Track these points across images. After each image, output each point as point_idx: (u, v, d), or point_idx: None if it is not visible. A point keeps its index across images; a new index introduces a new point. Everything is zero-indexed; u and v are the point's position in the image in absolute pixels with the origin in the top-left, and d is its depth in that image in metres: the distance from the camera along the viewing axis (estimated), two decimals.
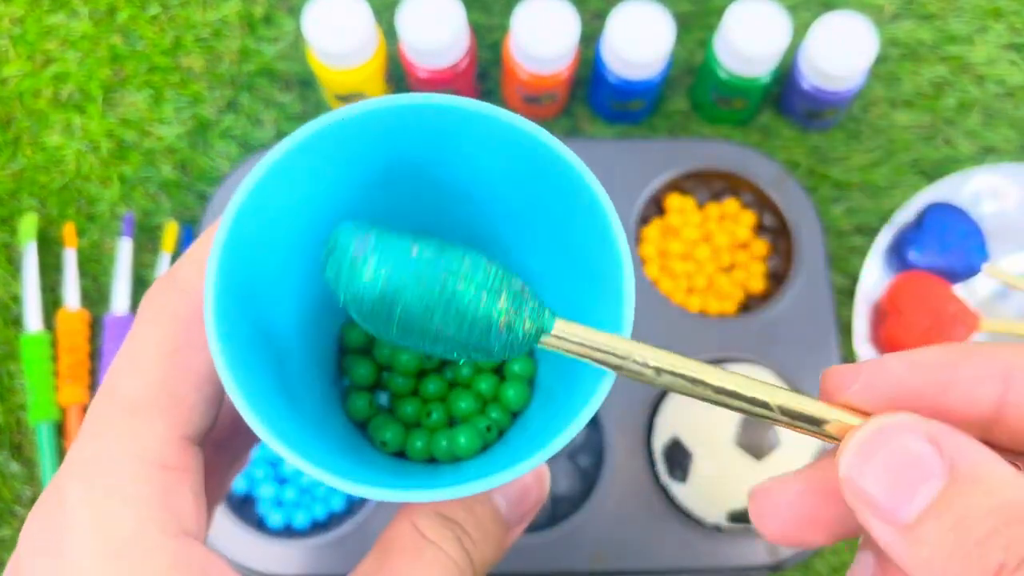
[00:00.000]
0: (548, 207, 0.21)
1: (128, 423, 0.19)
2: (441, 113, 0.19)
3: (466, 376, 0.24)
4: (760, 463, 0.43)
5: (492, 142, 0.20)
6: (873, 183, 0.54)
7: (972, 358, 0.17)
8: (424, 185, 0.22)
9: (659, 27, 0.48)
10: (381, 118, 0.19)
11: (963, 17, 0.57)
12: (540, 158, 0.20)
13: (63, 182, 0.53)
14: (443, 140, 0.20)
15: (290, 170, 0.19)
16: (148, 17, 0.56)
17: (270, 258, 0.20)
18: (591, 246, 0.20)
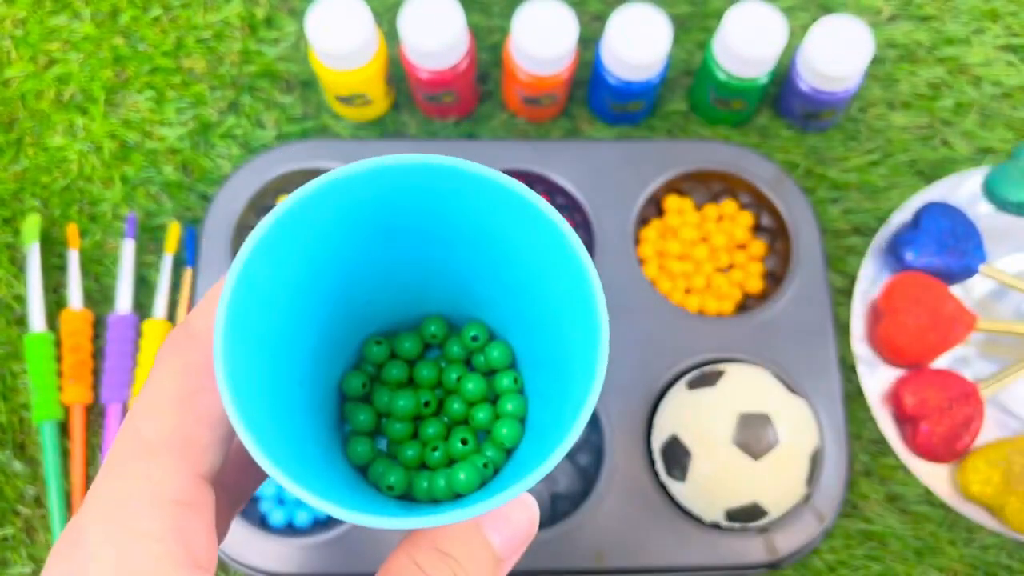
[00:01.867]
0: (531, 260, 0.22)
1: (145, 463, 0.20)
2: (436, 172, 0.21)
3: (461, 415, 0.25)
4: (758, 462, 0.43)
5: (485, 201, 0.22)
6: (870, 184, 0.54)
7: None
8: (417, 236, 0.23)
9: (657, 29, 0.48)
10: (381, 175, 0.21)
11: (960, 19, 0.57)
12: (527, 215, 0.21)
13: (65, 183, 0.53)
14: (438, 196, 0.22)
15: (296, 223, 0.21)
16: (150, 19, 0.56)
17: (276, 307, 0.22)
18: (573, 303, 0.22)
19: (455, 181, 0.21)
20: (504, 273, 0.24)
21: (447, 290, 0.26)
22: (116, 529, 0.19)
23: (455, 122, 0.55)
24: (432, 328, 0.26)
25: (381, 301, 0.26)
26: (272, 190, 0.50)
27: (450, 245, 0.24)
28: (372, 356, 0.26)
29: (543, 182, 0.51)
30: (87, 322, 0.50)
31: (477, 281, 0.25)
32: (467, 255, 0.24)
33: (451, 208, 0.22)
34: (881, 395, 0.50)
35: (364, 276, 0.24)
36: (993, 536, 0.49)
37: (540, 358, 0.24)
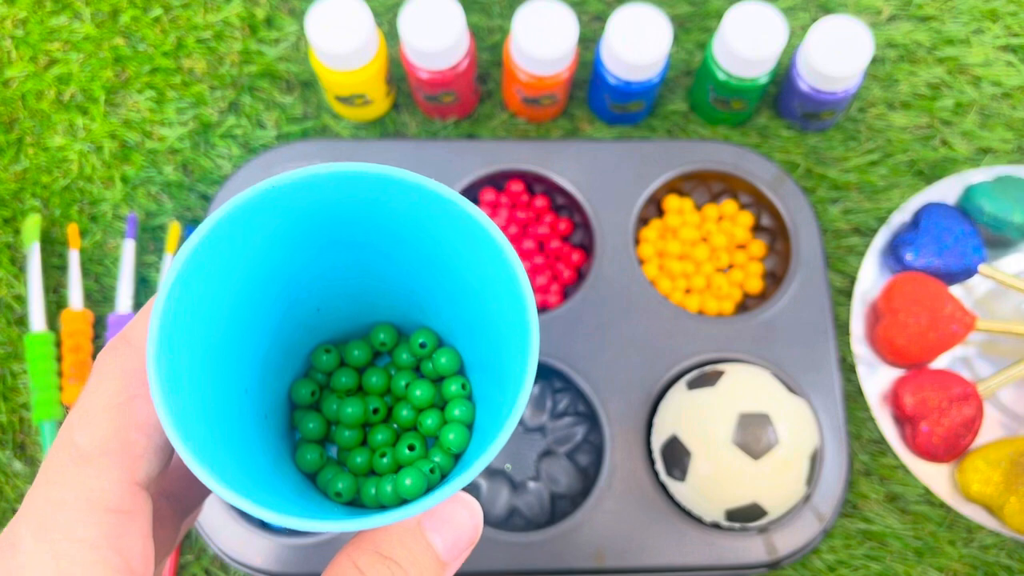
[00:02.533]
0: (469, 268, 0.23)
1: (79, 470, 0.20)
2: (367, 181, 0.21)
3: (410, 422, 0.25)
4: (758, 462, 0.43)
5: (423, 210, 0.22)
6: (870, 184, 0.54)
7: None
8: (359, 245, 0.24)
9: (657, 29, 0.48)
10: (317, 184, 0.21)
11: (960, 19, 0.57)
12: (462, 223, 0.22)
13: (66, 183, 0.54)
14: (376, 205, 0.22)
15: (232, 232, 0.21)
16: (150, 19, 0.57)
17: (214, 316, 0.22)
18: (508, 308, 0.22)
19: (393, 190, 0.21)
20: (446, 281, 0.24)
21: (394, 298, 0.26)
22: (51, 536, 0.19)
23: (455, 122, 0.55)
24: (381, 336, 0.26)
25: (329, 310, 0.26)
26: None
27: (392, 254, 0.24)
28: (321, 364, 0.26)
29: (543, 182, 0.51)
30: (87, 322, 0.50)
31: (421, 289, 0.25)
32: (410, 263, 0.24)
33: (391, 217, 0.22)
34: (881, 395, 0.50)
35: (309, 285, 0.25)
36: (993, 536, 0.49)
37: (484, 363, 0.25)
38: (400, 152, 0.51)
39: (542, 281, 0.50)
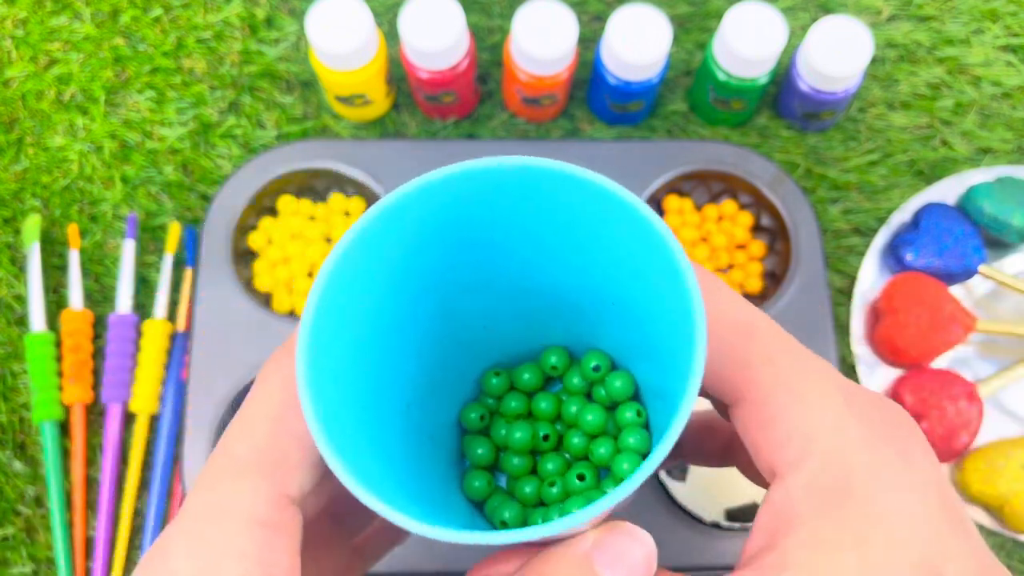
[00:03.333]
0: (633, 273, 0.21)
1: (233, 482, 0.20)
2: (521, 174, 0.20)
3: (581, 450, 0.24)
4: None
5: (589, 208, 0.20)
6: (870, 184, 0.54)
7: None
8: (508, 241, 0.22)
9: (657, 29, 0.48)
10: (466, 180, 0.20)
11: (960, 19, 0.57)
12: (619, 214, 0.20)
13: (66, 183, 0.54)
14: (537, 206, 0.21)
15: (377, 235, 0.20)
16: (150, 19, 0.57)
17: (366, 327, 0.21)
18: (671, 318, 0.20)
19: (565, 189, 0.20)
20: (615, 295, 0.23)
21: (563, 316, 0.25)
22: (199, 546, 0.19)
23: (455, 122, 0.55)
24: (552, 359, 0.25)
25: (497, 329, 0.25)
26: (272, 190, 0.50)
27: (557, 263, 0.23)
28: (491, 388, 0.25)
29: None
30: (87, 322, 0.50)
31: (590, 305, 0.24)
32: (577, 275, 0.23)
33: (559, 221, 0.21)
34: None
35: (469, 296, 0.23)
36: (993, 536, 0.49)
37: (655, 387, 0.23)
38: (400, 152, 0.51)
39: None
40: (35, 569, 0.47)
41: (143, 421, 0.49)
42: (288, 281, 0.50)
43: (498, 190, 0.20)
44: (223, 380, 0.46)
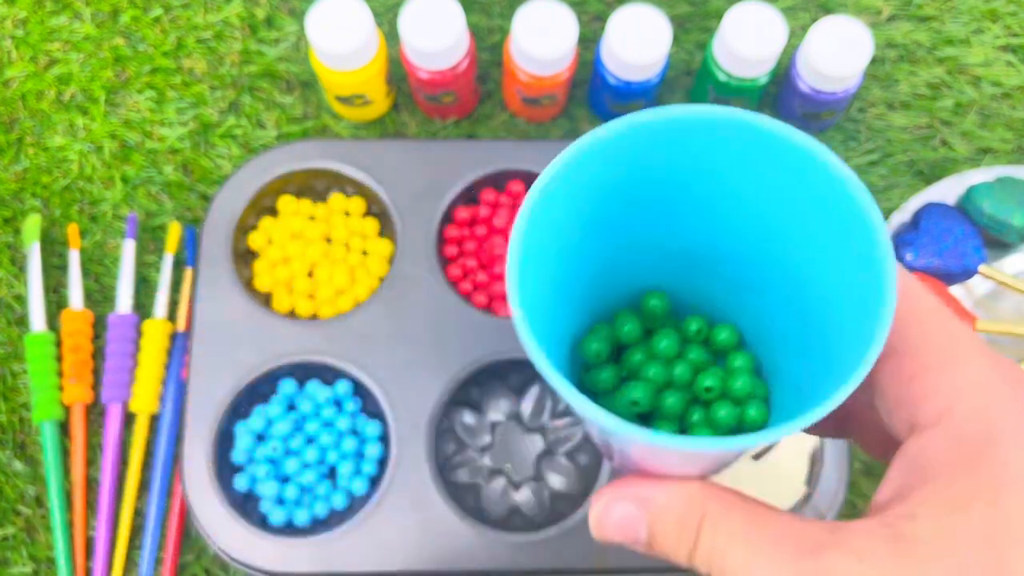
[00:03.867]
0: (807, 226, 0.22)
1: None
2: (720, 127, 0.21)
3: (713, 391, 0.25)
4: (757, 462, 0.43)
5: (764, 158, 0.21)
6: (870, 184, 0.54)
7: None
8: (683, 195, 0.24)
9: (657, 29, 0.48)
10: (669, 127, 0.21)
11: (960, 19, 0.57)
12: (812, 175, 0.21)
13: (66, 183, 0.54)
14: (710, 152, 0.22)
15: (578, 168, 0.22)
16: (150, 19, 0.57)
17: (560, 237, 0.23)
18: (846, 263, 0.21)
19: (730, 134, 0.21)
20: (782, 257, 0.23)
21: (718, 282, 0.26)
22: None
23: (455, 122, 0.55)
24: (693, 326, 0.26)
25: (646, 262, 0.26)
26: (272, 190, 0.51)
27: (710, 202, 0.24)
28: (622, 334, 0.26)
29: None
30: (87, 322, 0.50)
31: (753, 273, 0.25)
32: (751, 239, 0.24)
33: (718, 163, 0.22)
34: None
35: (636, 249, 0.25)
36: None
37: (799, 368, 0.24)
38: (400, 152, 0.51)
39: None
40: (35, 569, 0.47)
41: (143, 421, 0.49)
42: (288, 281, 0.50)
43: (679, 142, 0.21)
44: (223, 380, 0.46)
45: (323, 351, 0.47)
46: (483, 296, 0.50)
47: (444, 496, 0.44)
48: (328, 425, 0.47)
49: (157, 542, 0.47)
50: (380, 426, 0.47)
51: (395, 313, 0.48)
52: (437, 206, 0.50)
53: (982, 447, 0.19)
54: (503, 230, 0.51)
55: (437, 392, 0.46)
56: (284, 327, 0.47)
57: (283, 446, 0.46)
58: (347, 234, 0.51)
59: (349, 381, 0.47)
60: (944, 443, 0.20)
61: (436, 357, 0.47)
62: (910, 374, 0.21)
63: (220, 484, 0.45)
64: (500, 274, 0.50)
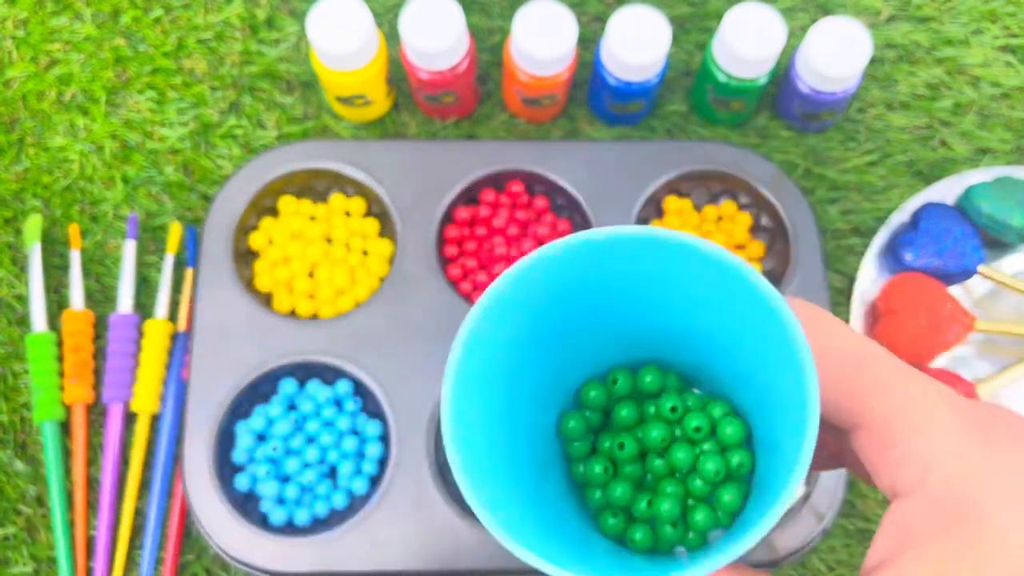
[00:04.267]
0: (739, 333, 0.23)
1: None
2: (645, 244, 0.22)
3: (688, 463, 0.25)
4: None
5: (693, 272, 0.22)
6: (869, 184, 0.54)
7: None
8: (620, 302, 0.24)
9: (657, 30, 0.48)
10: (589, 250, 0.22)
11: (959, 19, 0.57)
12: (739, 289, 0.21)
13: (67, 183, 0.54)
14: (642, 264, 0.23)
15: (512, 294, 0.23)
16: (151, 20, 0.57)
17: (497, 376, 0.24)
18: (774, 358, 0.21)
19: (653, 250, 0.22)
20: (725, 346, 0.24)
21: (676, 363, 0.26)
22: None
23: (455, 122, 0.55)
24: (670, 402, 0.25)
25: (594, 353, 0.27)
26: (273, 190, 0.51)
27: (668, 314, 0.24)
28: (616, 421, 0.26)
29: (543, 182, 0.51)
30: (88, 322, 0.50)
31: (702, 356, 0.25)
32: (693, 331, 0.25)
33: (661, 278, 0.23)
34: None
35: (584, 344, 0.26)
36: None
37: (764, 435, 0.24)
38: (401, 152, 0.51)
39: None
40: (36, 568, 0.47)
41: (144, 421, 0.49)
42: (288, 281, 0.50)
43: (608, 256, 0.22)
44: (224, 380, 0.46)
45: (324, 351, 0.47)
46: None
47: (444, 495, 0.44)
48: (328, 425, 0.47)
49: (158, 542, 0.47)
50: (380, 426, 0.47)
51: (395, 313, 0.48)
52: (437, 206, 0.50)
53: (963, 509, 0.20)
54: (503, 230, 0.51)
55: (437, 392, 0.46)
56: (285, 327, 0.48)
57: (283, 446, 0.46)
58: (347, 234, 0.51)
59: (349, 381, 0.47)
60: (925, 508, 0.20)
61: (436, 357, 0.47)
62: (882, 444, 0.21)
63: (221, 484, 0.45)
64: (500, 274, 0.50)
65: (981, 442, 0.20)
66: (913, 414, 0.21)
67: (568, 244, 0.21)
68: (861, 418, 0.22)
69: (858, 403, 0.22)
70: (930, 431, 0.21)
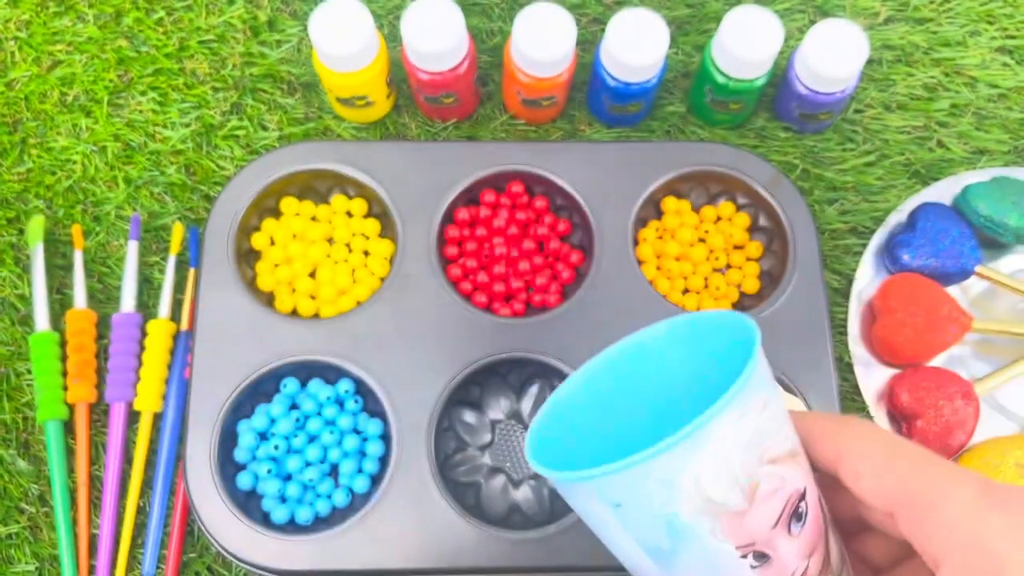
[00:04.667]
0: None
1: None
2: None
3: None
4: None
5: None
6: (867, 184, 0.54)
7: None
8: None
9: (655, 32, 0.49)
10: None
11: (956, 21, 0.58)
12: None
13: (69, 184, 0.54)
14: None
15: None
16: (153, 21, 0.57)
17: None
18: None
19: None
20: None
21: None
22: None
23: (455, 124, 0.55)
24: None
25: None
26: (274, 191, 0.51)
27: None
28: None
29: (543, 183, 0.52)
30: (91, 322, 0.50)
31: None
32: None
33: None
34: (877, 393, 0.50)
35: None
36: None
37: None
38: (401, 153, 0.51)
39: (542, 281, 0.50)
40: (39, 567, 0.48)
41: (147, 420, 0.49)
42: (290, 281, 0.50)
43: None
44: (226, 379, 0.46)
45: (325, 351, 0.47)
46: (483, 296, 0.50)
47: (444, 494, 0.45)
48: (330, 424, 0.48)
49: (160, 540, 0.48)
50: (381, 425, 0.47)
51: (396, 313, 0.48)
52: (438, 207, 0.50)
53: (986, 565, 0.23)
54: (503, 230, 0.51)
55: (438, 391, 0.46)
56: (286, 327, 0.48)
57: (285, 444, 0.47)
58: (348, 235, 0.51)
59: (351, 380, 0.48)
60: (956, 571, 0.23)
61: (437, 356, 0.47)
62: (914, 525, 0.25)
63: (223, 482, 0.45)
64: (500, 274, 0.50)
65: (1000, 510, 0.23)
66: (929, 491, 0.24)
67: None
68: (887, 503, 0.25)
69: (882, 491, 0.25)
70: (947, 506, 0.24)
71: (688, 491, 0.24)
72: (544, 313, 0.49)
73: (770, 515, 0.25)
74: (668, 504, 0.24)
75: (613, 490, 0.25)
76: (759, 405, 0.25)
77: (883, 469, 0.25)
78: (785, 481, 0.25)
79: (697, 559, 0.25)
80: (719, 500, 0.24)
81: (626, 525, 0.25)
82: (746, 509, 0.25)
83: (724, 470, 0.24)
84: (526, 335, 0.48)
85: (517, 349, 0.48)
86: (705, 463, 0.24)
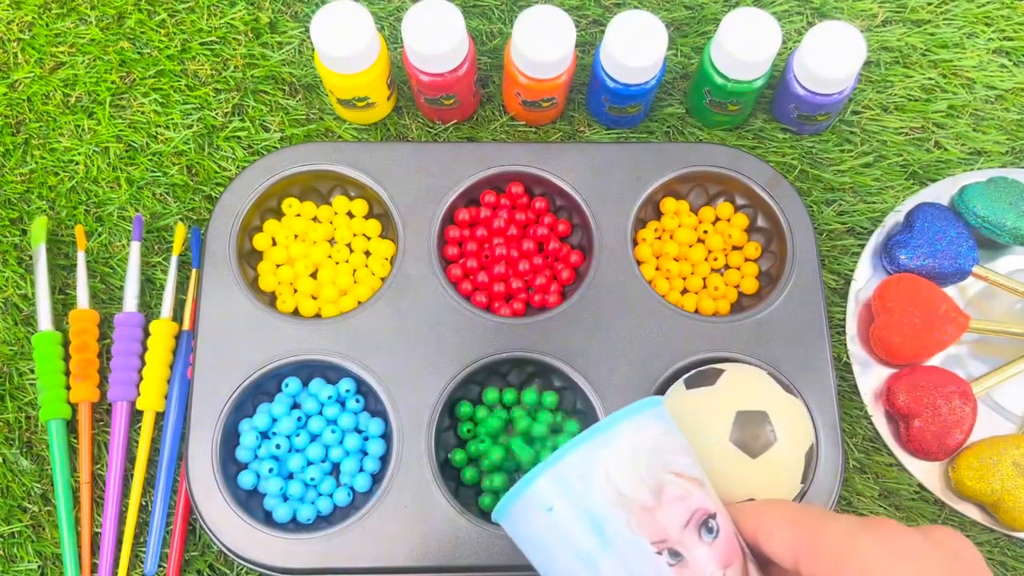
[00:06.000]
0: None
1: None
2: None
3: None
4: (755, 461, 0.44)
5: None
6: (864, 185, 0.55)
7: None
8: None
9: (654, 34, 0.49)
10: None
11: (953, 23, 0.58)
12: None
13: (72, 184, 0.54)
14: None
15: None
16: (155, 23, 0.57)
17: None
18: None
19: None
20: None
21: None
22: None
23: (456, 125, 0.56)
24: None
25: None
26: (276, 192, 0.51)
27: None
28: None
29: (543, 184, 0.52)
30: (94, 322, 0.51)
31: None
32: None
33: None
34: (874, 393, 0.50)
35: None
36: (987, 532, 0.49)
37: None
38: (402, 154, 0.52)
39: (541, 281, 0.51)
40: (41, 565, 0.48)
41: (149, 419, 0.49)
42: (292, 281, 0.51)
43: None
44: (227, 379, 0.47)
45: (326, 350, 0.48)
46: (483, 296, 0.50)
47: (445, 492, 0.45)
48: (331, 423, 0.48)
49: (162, 538, 0.48)
50: (382, 424, 0.48)
51: (397, 313, 0.48)
52: (438, 208, 0.50)
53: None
54: (503, 231, 0.52)
55: (438, 390, 0.47)
56: (288, 327, 0.48)
57: (287, 443, 0.47)
58: (350, 235, 0.52)
59: (352, 380, 0.48)
60: None
61: (437, 356, 0.47)
62: (807, 566, 0.29)
63: (225, 481, 0.45)
64: (500, 274, 0.51)
65: (871, 532, 0.29)
66: (825, 527, 0.30)
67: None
68: (798, 543, 0.30)
69: (796, 536, 0.31)
70: (836, 531, 0.30)
71: (602, 484, 0.29)
72: (544, 313, 0.49)
73: (679, 516, 0.29)
74: (587, 496, 0.29)
75: (546, 491, 0.29)
76: (661, 428, 0.31)
77: (787, 526, 0.31)
78: (691, 494, 0.30)
79: (621, 561, 0.29)
80: (629, 494, 0.29)
81: (559, 530, 0.29)
82: (655, 506, 0.29)
83: (631, 468, 0.29)
84: (526, 335, 0.48)
85: (517, 349, 0.48)
86: (614, 459, 0.29)
